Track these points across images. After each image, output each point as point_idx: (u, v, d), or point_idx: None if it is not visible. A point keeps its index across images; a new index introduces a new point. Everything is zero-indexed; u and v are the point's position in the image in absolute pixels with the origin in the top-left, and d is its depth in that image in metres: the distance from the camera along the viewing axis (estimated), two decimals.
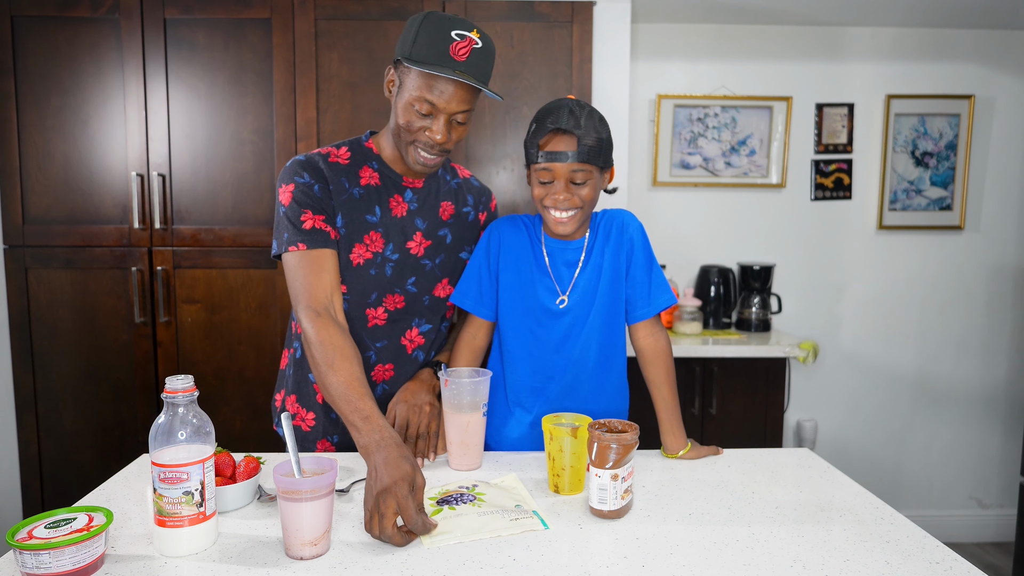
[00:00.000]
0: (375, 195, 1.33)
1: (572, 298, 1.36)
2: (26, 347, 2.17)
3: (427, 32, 1.19)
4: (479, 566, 0.90)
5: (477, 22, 2.17)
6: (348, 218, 1.30)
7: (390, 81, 1.28)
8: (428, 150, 1.27)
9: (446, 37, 1.18)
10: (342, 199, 1.30)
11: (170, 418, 0.93)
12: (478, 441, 1.27)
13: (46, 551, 0.82)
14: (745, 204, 2.86)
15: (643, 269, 1.37)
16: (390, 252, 1.34)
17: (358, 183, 1.32)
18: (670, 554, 0.94)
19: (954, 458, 3.00)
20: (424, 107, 1.21)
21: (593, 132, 1.26)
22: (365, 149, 1.36)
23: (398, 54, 1.23)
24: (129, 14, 2.10)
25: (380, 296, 1.35)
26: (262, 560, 0.92)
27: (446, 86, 1.20)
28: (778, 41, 2.79)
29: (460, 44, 1.19)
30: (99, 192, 2.15)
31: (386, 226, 1.34)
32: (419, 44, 1.19)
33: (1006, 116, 2.87)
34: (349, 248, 1.31)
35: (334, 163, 1.32)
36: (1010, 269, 2.93)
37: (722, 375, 2.43)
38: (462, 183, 1.46)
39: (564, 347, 1.37)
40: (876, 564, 0.92)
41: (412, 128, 1.24)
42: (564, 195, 1.27)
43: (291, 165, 1.30)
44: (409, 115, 1.23)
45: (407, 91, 1.22)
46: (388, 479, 0.97)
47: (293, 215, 1.26)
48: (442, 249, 1.41)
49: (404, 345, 1.40)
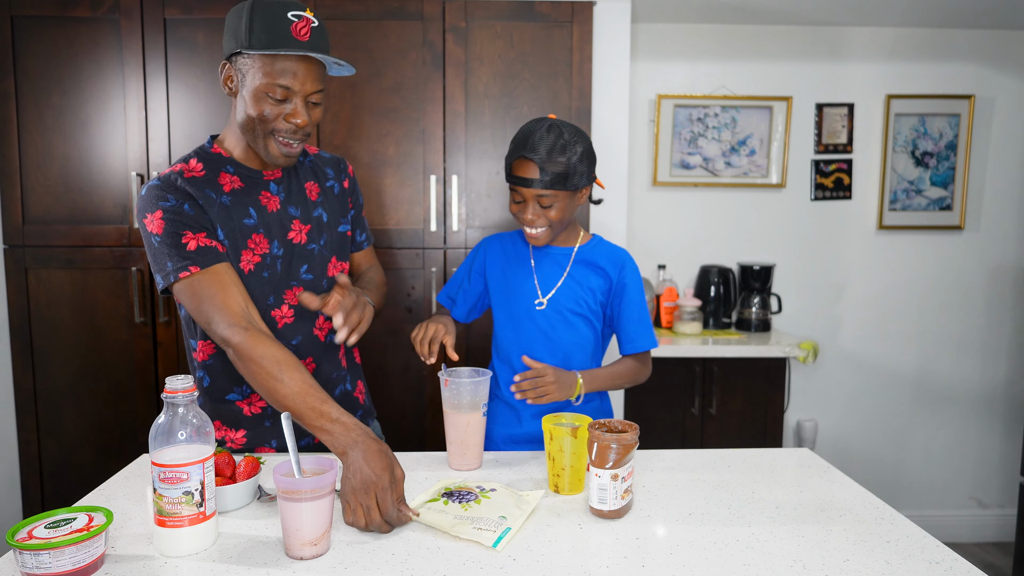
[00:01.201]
0: (243, 198, 1.28)
1: (551, 301, 1.46)
2: (26, 347, 2.17)
3: (261, 18, 1.14)
4: (479, 566, 0.91)
5: (477, 22, 2.17)
6: (227, 228, 1.25)
7: (227, 78, 1.22)
8: (290, 136, 1.22)
9: (283, 19, 1.14)
10: (214, 211, 1.24)
11: (170, 418, 0.93)
12: (478, 441, 1.27)
13: (46, 551, 0.82)
14: (745, 204, 2.86)
15: (635, 310, 1.47)
16: (276, 248, 1.30)
17: (222, 191, 1.26)
18: (670, 554, 0.94)
19: (954, 458, 3.00)
20: (279, 92, 1.17)
21: (560, 159, 1.34)
22: (214, 156, 1.29)
23: (233, 48, 1.18)
24: (129, 14, 2.10)
25: (279, 295, 1.31)
26: (262, 560, 0.92)
27: (297, 66, 1.17)
28: (778, 41, 2.79)
29: (299, 24, 1.15)
30: (99, 192, 2.15)
31: (265, 224, 1.29)
32: (256, 32, 1.14)
33: (1006, 116, 2.87)
34: (237, 258, 1.26)
35: (191, 178, 1.24)
36: (1010, 269, 2.93)
37: (722, 375, 2.43)
38: (315, 159, 1.43)
39: (545, 346, 1.46)
40: (876, 564, 0.92)
41: (268, 117, 1.19)
42: (531, 215, 1.39)
43: (148, 192, 1.21)
44: (262, 104, 1.18)
45: (254, 80, 1.17)
46: (370, 472, 1.00)
47: (172, 240, 1.18)
48: (322, 229, 1.38)
49: (317, 335, 1.37)
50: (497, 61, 2.19)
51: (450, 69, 2.18)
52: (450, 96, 2.19)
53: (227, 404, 1.35)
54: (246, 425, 1.36)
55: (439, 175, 2.20)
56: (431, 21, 2.16)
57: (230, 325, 1.16)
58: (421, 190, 2.21)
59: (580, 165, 1.36)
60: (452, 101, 2.19)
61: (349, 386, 1.47)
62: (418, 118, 2.19)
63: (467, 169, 2.22)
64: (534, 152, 1.33)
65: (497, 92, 2.20)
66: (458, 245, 2.23)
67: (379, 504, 0.99)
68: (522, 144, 1.35)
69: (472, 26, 2.18)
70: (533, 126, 1.36)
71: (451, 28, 2.16)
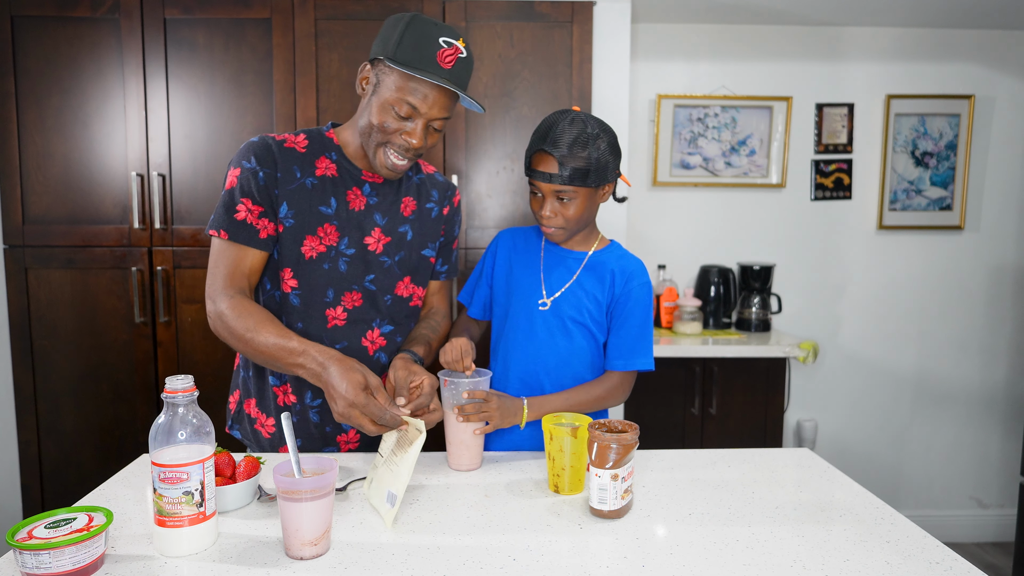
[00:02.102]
0: (330, 186, 1.29)
1: (555, 303, 1.40)
2: (26, 347, 2.17)
3: (413, 35, 1.17)
4: (479, 566, 0.91)
5: (477, 22, 2.17)
6: (297, 208, 1.26)
7: (364, 79, 1.25)
8: (401, 153, 1.24)
9: (433, 43, 1.17)
10: (290, 188, 1.26)
11: (170, 418, 0.93)
12: (477, 441, 1.27)
13: (46, 551, 0.82)
14: (745, 204, 2.86)
15: (637, 326, 1.40)
16: (345, 247, 1.30)
17: (312, 173, 1.28)
18: (670, 554, 0.94)
19: (954, 458, 3.00)
20: (404, 109, 1.20)
21: (581, 154, 1.28)
22: (325, 139, 1.32)
23: (378, 53, 1.21)
24: (129, 14, 2.10)
25: (337, 294, 1.31)
26: (262, 560, 0.92)
27: (430, 91, 1.19)
28: (778, 41, 2.79)
29: (447, 52, 1.18)
30: (99, 192, 2.15)
31: (341, 219, 1.29)
32: (404, 46, 1.17)
33: (1006, 116, 2.87)
34: (300, 240, 1.27)
35: (289, 149, 1.28)
36: (1010, 269, 2.93)
37: (722, 375, 2.43)
38: (425, 178, 1.43)
39: (545, 347, 1.41)
40: (876, 564, 0.92)
41: (387, 129, 1.22)
42: (549, 211, 1.34)
43: (244, 147, 1.27)
44: (386, 116, 1.21)
45: (386, 91, 1.20)
46: (344, 393, 1.07)
47: (230, 201, 1.25)
48: (402, 246, 1.37)
49: (365, 347, 1.35)
50: (497, 61, 2.19)
51: None
52: None
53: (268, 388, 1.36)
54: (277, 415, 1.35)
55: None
56: None
57: (225, 288, 1.23)
58: None
59: (603, 161, 1.30)
60: None
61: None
62: None
63: (467, 169, 2.22)
64: (554, 146, 1.27)
65: (497, 92, 2.20)
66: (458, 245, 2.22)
67: (372, 417, 1.07)
68: (543, 137, 1.30)
69: (472, 26, 2.18)
70: (555, 118, 1.31)
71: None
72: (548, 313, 1.41)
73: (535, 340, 1.42)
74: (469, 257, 2.24)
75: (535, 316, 1.42)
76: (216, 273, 1.25)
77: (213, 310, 1.22)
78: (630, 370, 1.40)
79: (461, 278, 2.24)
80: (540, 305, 1.41)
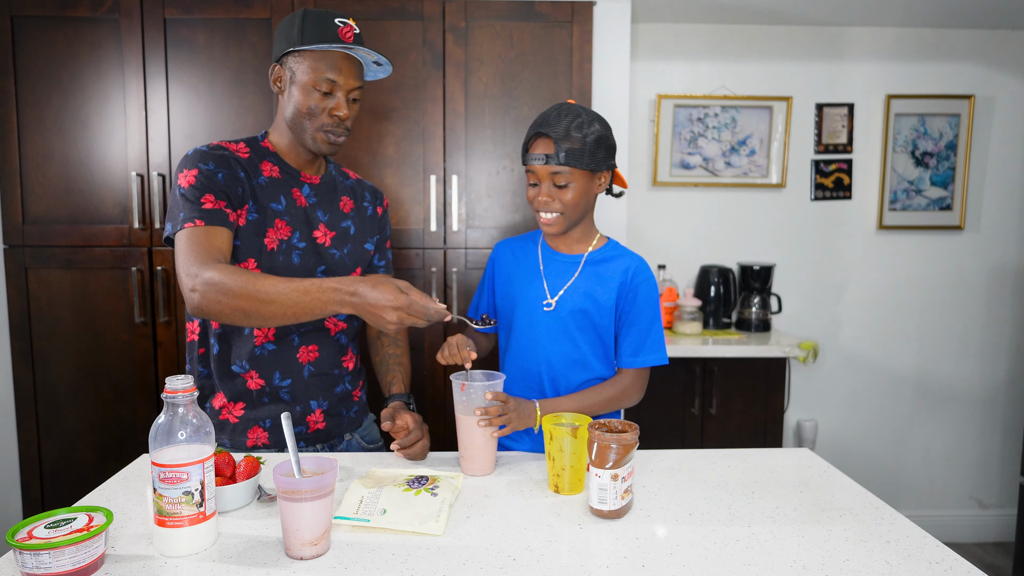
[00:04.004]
0: (277, 186, 1.37)
1: (559, 303, 1.41)
2: (26, 347, 2.17)
3: (312, 23, 1.29)
4: (479, 566, 0.91)
5: (477, 22, 2.17)
6: (259, 204, 1.34)
7: (276, 78, 1.36)
8: (335, 129, 1.34)
9: (331, 24, 1.29)
10: (249, 185, 1.33)
11: (170, 418, 0.93)
12: (491, 445, 1.26)
13: (46, 551, 0.82)
14: (745, 204, 2.86)
15: (646, 321, 1.40)
16: (297, 240, 1.37)
17: (261, 174, 1.36)
18: (670, 554, 0.94)
19: (954, 458, 3.00)
20: (325, 85, 1.30)
21: (576, 135, 1.31)
22: (261, 147, 1.40)
23: (284, 49, 1.32)
24: (129, 14, 2.10)
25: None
26: (262, 560, 0.92)
27: (342, 62, 1.31)
28: (778, 41, 2.79)
29: (345, 29, 1.31)
30: (99, 192, 2.15)
31: (291, 215, 1.37)
32: (307, 33, 1.29)
33: (1006, 116, 2.87)
34: (263, 232, 1.34)
35: (234, 153, 1.35)
36: (1010, 269, 2.93)
37: (722, 375, 2.43)
38: (355, 183, 1.53)
39: (550, 348, 1.41)
40: (876, 564, 0.92)
41: (314, 111, 1.32)
42: (545, 196, 1.35)
43: (193, 154, 1.31)
44: (310, 98, 1.31)
45: (303, 76, 1.31)
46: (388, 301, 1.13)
47: (193, 196, 1.26)
48: (347, 240, 1.45)
49: (328, 328, 1.43)
50: (497, 61, 2.19)
51: (450, 69, 2.18)
52: (450, 96, 2.19)
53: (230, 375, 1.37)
54: (244, 398, 1.37)
55: (439, 175, 2.20)
56: (431, 21, 2.16)
57: (203, 263, 1.21)
58: (421, 190, 2.21)
59: (598, 144, 1.33)
60: (452, 101, 2.19)
61: (349, 386, 1.47)
62: (418, 118, 2.19)
63: (467, 169, 2.22)
64: (550, 128, 1.32)
65: (497, 92, 2.20)
66: (458, 245, 2.23)
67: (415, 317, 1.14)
68: (539, 123, 1.34)
69: (472, 26, 2.18)
70: (551, 108, 1.36)
71: (451, 28, 2.17)
72: (554, 313, 1.41)
73: (543, 342, 1.42)
74: (469, 257, 2.24)
75: (541, 318, 1.42)
76: (191, 254, 1.21)
77: (199, 280, 1.18)
78: (642, 367, 1.40)
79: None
80: (545, 306, 1.42)
